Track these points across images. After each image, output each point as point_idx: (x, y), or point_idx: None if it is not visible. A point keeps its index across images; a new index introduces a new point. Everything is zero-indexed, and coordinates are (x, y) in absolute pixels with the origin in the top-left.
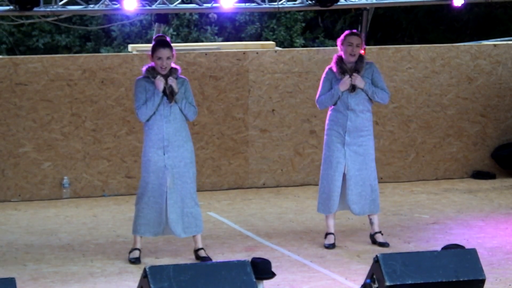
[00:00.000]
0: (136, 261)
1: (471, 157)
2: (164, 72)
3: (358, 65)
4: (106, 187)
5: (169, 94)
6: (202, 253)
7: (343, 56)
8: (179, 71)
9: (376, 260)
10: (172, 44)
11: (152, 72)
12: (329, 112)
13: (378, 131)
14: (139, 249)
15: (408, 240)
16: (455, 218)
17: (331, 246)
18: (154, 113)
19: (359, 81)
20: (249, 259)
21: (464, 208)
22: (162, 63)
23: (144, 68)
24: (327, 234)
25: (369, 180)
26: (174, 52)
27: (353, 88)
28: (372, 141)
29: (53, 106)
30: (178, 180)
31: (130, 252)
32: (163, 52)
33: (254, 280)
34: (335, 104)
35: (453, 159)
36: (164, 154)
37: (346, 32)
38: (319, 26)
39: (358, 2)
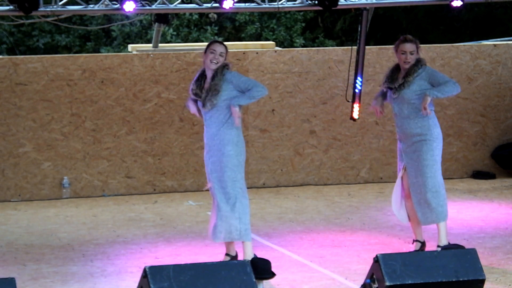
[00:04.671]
0: None
1: (471, 157)
2: (214, 67)
3: (408, 71)
4: (106, 187)
5: (205, 101)
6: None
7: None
8: (230, 65)
9: (376, 260)
10: (172, 44)
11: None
12: None
13: (378, 131)
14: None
15: (408, 240)
16: (455, 218)
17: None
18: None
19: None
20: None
21: (464, 208)
22: (214, 56)
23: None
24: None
25: (426, 188)
26: (227, 52)
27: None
28: (427, 145)
29: (53, 106)
30: (216, 185)
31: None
32: (218, 47)
33: (254, 280)
34: None
35: (453, 159)
36: (209, 159)
37: (400, 38)
38: (319, 26)
39: (358, 2)
